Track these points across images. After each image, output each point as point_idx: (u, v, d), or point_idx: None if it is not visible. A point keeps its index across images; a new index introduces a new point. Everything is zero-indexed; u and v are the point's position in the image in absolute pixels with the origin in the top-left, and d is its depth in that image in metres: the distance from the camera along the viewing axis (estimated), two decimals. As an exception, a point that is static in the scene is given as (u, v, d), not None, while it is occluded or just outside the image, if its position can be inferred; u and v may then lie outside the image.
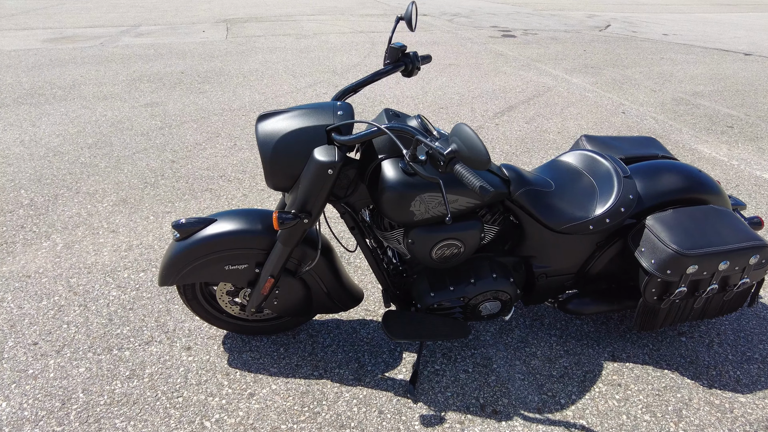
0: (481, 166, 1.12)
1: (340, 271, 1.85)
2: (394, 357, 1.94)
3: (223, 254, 1.68)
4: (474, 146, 1.10)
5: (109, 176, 3.40)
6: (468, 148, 1.11)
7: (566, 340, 2.06)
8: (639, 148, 2.05)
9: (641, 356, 1.98)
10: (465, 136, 1.12)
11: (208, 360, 1.92)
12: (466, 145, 1.12)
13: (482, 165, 1.11)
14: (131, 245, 2.65)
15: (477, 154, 1.10)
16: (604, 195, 1.75)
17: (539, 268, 1.83)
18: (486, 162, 1.11)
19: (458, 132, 1.14)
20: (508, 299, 1.80)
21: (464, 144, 1.12)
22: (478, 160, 1.11)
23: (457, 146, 1.13)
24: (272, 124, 1.45)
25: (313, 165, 1.39)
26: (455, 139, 1.14)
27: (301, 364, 1.90)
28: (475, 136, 1.11)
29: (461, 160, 1.14)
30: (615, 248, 1.86)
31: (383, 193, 1.45)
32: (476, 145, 1.10)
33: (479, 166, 1.12)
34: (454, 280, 1.75)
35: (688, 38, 9.40)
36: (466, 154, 1.12)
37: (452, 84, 5.78)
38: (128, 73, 5.94)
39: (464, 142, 1.12)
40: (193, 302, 1.85)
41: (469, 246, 1.62)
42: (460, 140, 1.13)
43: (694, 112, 5.05)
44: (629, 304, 1.94)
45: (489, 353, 1.98)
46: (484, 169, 1.13)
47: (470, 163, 1.13)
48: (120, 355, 1.94)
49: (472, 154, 1.11)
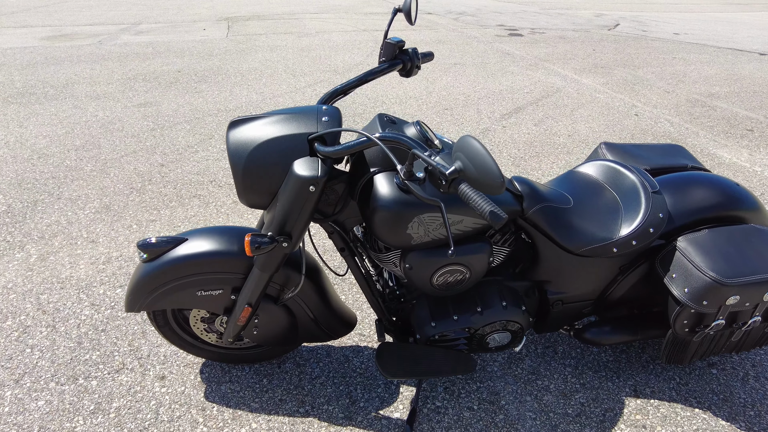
0: (492, 191, 0.91)
1: (329, 295, 1.65)
2: (390, 392, 1.73)
3: (194, 278, 1.48)
4: (483, 166, 0.89)
5: (93, 181, 3.22)
6: (476, 168, 0.90)
7: (582, 372, 1.85)
8: (666, 158, 1.84)
9: (667, 391, 1.76)
10: (472, 152, 0.91)
11: (182, 392, 1.72)
12: (473, 164, 0.90)
13: (493, 189, 0.90)
14: (110, 257, 2.46)
15: (487, 176, 0.89)
16: (630, 213, 1.54)
17: (555, 294, 1.61)
18: (499, 186, 0.89)
19: (464, 147, 0.92)
20: (519, 329, 1.59)
21: (471, 162, 0.91)
22: (488, 184, 0.90)
23: (462, 165, 0.92)
24: (245, 132, 1.24)
25: (293, 180, 1.19)
26: (460, 156, 0.93)
27: (285, 399, 1.70)
28: (484, 153, 0.90)
29: (467, 180, 0.93)
30: (639, 272, 1.65)
31: (375, 212, 1.25)
32: (486, 165, 0.89)
33: (489, 191, 0.91)
34: (458, 308, 1.54)
35: (700, 38, 9.13)
36: (474, 174, 0.91)
37: (457, 84, 5.57)
38: (123, 72, 5.76)
39: (471, 159, 0.91)
40: (165, 329, 1.66)
41: (475, 272, 1.41)
42: (467, 157, 0.91)
43: (711, 115, 4.81)
44: (654, 333, 1.72)
45: (496, 387, 1.77)
46: (497, 194, 0.92)
47: (478, 186, 0.91)
48: (86, 386, 1.74)
49: (481, 175, 0.89)
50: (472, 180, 0.92)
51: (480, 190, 0.92)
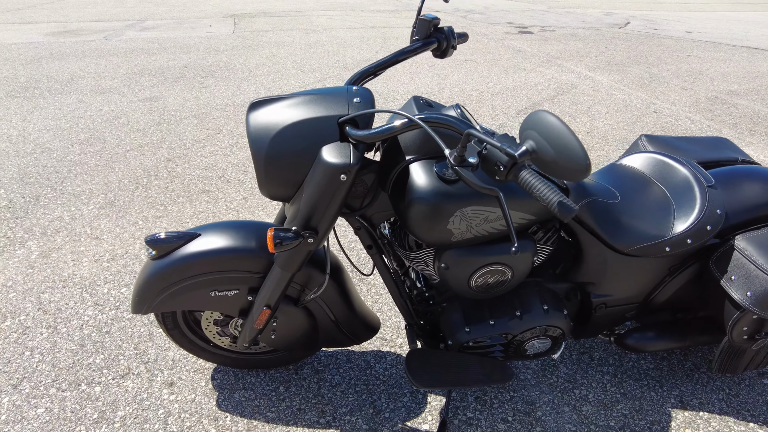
0: (574, 176, 0.77)
1: (352, 297, 1.52)
2: (417, 401, 1.60)
3: (208, 278, 1.35)
4: (564, 145, 0.75)
5: (98, 175, 3.10)
6: (554, 148, 0.76)
7: (622, 380, 1.71)
8: (712, 151, 1.70)
9: (717, 403, 1.63)
10: (549, 129, 0.76)
11: (193, 400, 1.60)
12: (550, 143, 0.77)
13: (576, 174, 0.77)
14: (115, 255, 2.34)
15: (569, 158, 0.75)
16: (684, 209, 1.41)
17: (598, 296, 1.48)
18: (584, 170, 0.76)
19: (537, 123, 0.78)
20: (561, 335, 1.46)
21: (547, 141, 0.77)
22: (569, 168, 0.76)
23: (535, 144, 0.78)
24: (268, 115, 1.11)
25: (321, 168, 1.06)
26: (532, 134, 0.79)
27: (304, 408, 1.57)
28: (564, 130, 0.76)
29: (540, 165, 0.79)
30: (688, 273, 1.52)
31: (412, 205, 1.12)
32: (567, 144, 0.75)
33: (571, 176, 0.77)
34: (495, 312, 1.41)
35: (713, 36, 8.97)
36: (550, 156, 0.77)
37: (470, 80, 5.43)
38: (129, 67, 5.65)
39: (547, 138, 0.77)
40: (174, 332, 1.53)
41: (519, 272, 1.28)
42: (541, 136, 0.77)
43: (733, 112, 4.67)
44: (704, 339, 1.59)
45: (531, 396, 1.63)
46: (580, 180, 0.79)
47: (555, 170, 0.77)
48: (89, 392, 1.62)
49: (561, 157, 0.76)
50: (546, 163, 0.78)
51: (557, 175, 0.78)
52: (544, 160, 0.79)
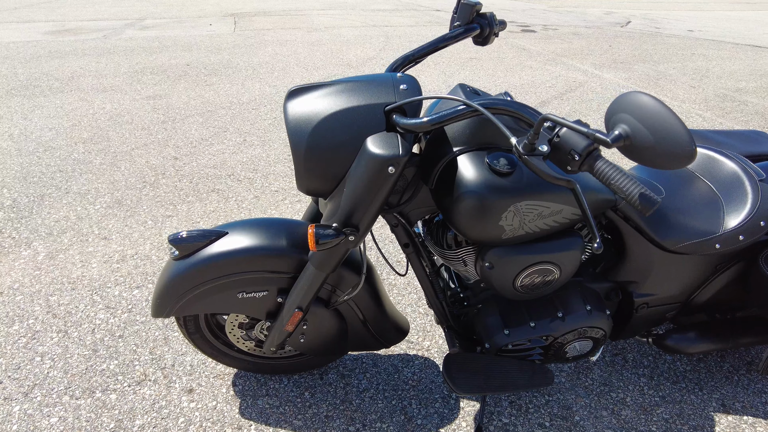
0: (677, 163, 0.70)
1: (383, 298, 1.45)
2: (450, 406, 1.53)
3: (235, 279, 1.28)
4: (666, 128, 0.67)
5: (103, 174, 3.01)
6: (652, 133, 0.69)
7: (659, 383, 1.65)
8: (752, 145, 1.64)
9: (761, 407, 1.57)
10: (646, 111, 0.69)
11: (214, 407, 1.52)
12: (648, 127, 0.69)
13: (679, 161, 0.69)
14: (125, 255, 2.26)
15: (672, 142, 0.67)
16: (734, 204, 1.34)
17: (641, 296, 1.42)
18: (689, 155, 0.69)
19: (632, 105, 0.71)
20: (603, 336, 1.39)
21: (644, 125, 0.69)
22: (672, 153, 0.69)
23: (630, 129, 0.71)
24: (308, 104, 1.04)
25: (368, 160, 0.99)
26: (625, 118, 0.72)
27: (332, 416, 1.50)
28: (665, 111, 0.69)
29: (635, 152, 0.72)
30: (733, 272, 1.46)
31: (462, 200, 1.05)
32: (671, 126, 0.68)
33: (672, 163, 0.70)
34: (535, 313, 1.34)
35: (715, 34, 8.95)
36: (648, 142, 0.70)
37: (476, 78, 5.37)
38: (130, 65, 5.56)
39: (644, 121, 0.69)
40: (195, 337, 1.46)
41: (566, 271, 1.21)
42: (637, 119, 0.70)
43: (744, 109, 4.62)
44: (747, 341, 1.53)
45: (567, 400, 1.57)
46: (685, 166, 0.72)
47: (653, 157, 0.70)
48: (104, 400, 1.54)
49: (662, 141, 0.68)
50: (643, 149, 0.71)
51: (656, 163, 0.71)
52: (640, 146, 0.72)
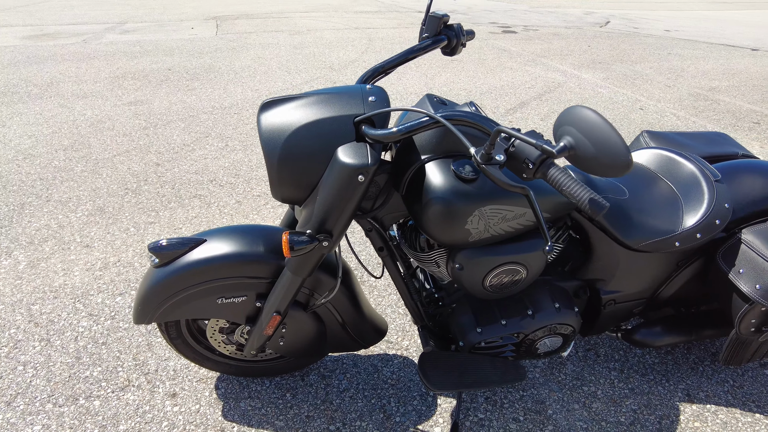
0: (615, 172, 0.76)
1: (360, 300, 1.49)
2: (427, 404, 1.58)
3: (215, 285, 1.31)
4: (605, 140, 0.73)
5: (85, 182, 3.01)
6: (594, 144, 0.75)
7: (629, 376, 1.72)
8: (713, 146, 1.72)
9: (723, 395, 1.64)
10: (588, 124, 0.75)
11: (197, 411, 1.55)
12: (589, 139, 0.75)
13: (617, 170, 0.75)
14: (107, 263, 2.27)
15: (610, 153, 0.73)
16: (692, 204, 1.41)
17: (608, 293, 1.48)
18: (625, 165, 0.74)
19: (574, 119, 0.77)
20: (572, 332, 1.45)
21: (586, 137, 0.75)
22: (611, 164, 0.74)
23: (573, 140, 0.77)
24: (281, 115, 1.08)
25: (338, 169, 1.03)
26: (569, 130, 0.78)
27: (313, 416, 1.54)
28: (604, 125, 0.75)
29: (578, 161, 0.78)
30: (694, 268, 1.53)
31: (429, 206, 1.10)
32: (609, 139, 0.74)
33: (610, 172, 0.76)
34: (506, 312, 1.40)
35: (690, 34, 9.15)
36: (589, 152, 0.75)
37: (457, 80, 5.44)
38: (111, 71, 5.53)
39: (586, 133, 0.75)
40: (177, 342, 1.49)
41: (533, 271, 1.27)
42: (579, 131, 0.76)
43: (716, 108, 4.76)
44: (710, 333, 1.60)
45: (541, 395, 1.63)
46: (621, 176, 0.78)
47: (595, 167, 0.76)
48: (88, 407, 1.56)
49: (602, 152, 0.74)
50: (585, 160, 0.77)
51: (597, 171, 0.77)
52: (582, 156, 0.78)
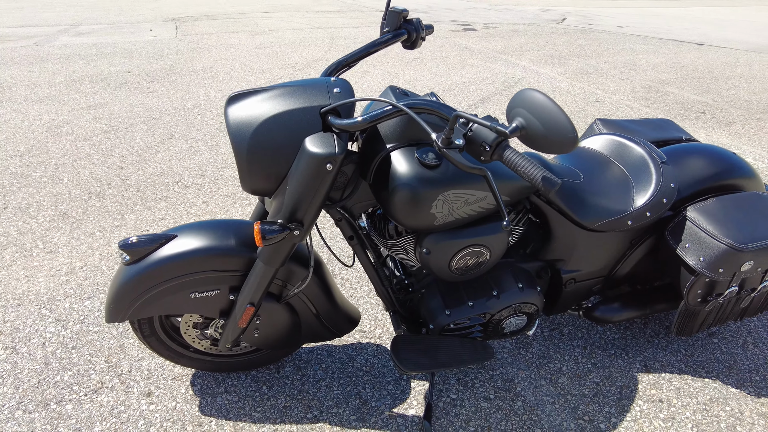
0: (563, 149, 0.82)
1: (333, 290, 1.53)
2: (401, 387, 1.64)
3: (187, 279, 1.32)
4: (552, 119, 0.80)
5: (45, 187, 2.94)
6: (543, 123, 0.81)
7: (592, 351, 1.81)
8: (660, 132, 1.83)
9: (676, 364, 1.76)
10: (537, 105, 0.81)
11: (174, 408, 1.56)
12: (539, 119, 0.81)
13: (565, 146, 0.82)
14: (73, 267, 2.23)
15: (557, 132, 0.80)
16: (641, 185, 1.51)
17: (568, 272, 1.56)
18: (570, 142, 0.81)
19: (525, 101, 0.83)
20: (535, 311, 1.53)
21: (536, 117, 0.82)
22: (558, 141, 0.81)
23: (524, 121, 0.83)
24: (248, 108, 1.11)
25: (306, 159, 1.07)
26: (521, 112, 0.84)
27: (290, 406, 1.57)
28: (552, 105, 0.81)
29: (530, 141, 0.84)
30: (647, 246, 1.63)
31: (396, 192, 1.15)
32: (555, 119, 0.80)
33: (558, 149, 0.82)
34: (472, 293, 1.46)
35: (641, 30, 9.54)
36: (540, 132, 0.82)
37: (420, 77, 5.53)
38: (67, 74, 5.36)
39: (536, 114, 0.81)
40: (151, 339, 1.49)
41: (495, 252, 1.33)
42: (530, 112, 0.82)
43: (666, 99, 4.99)
44: (662, 306, 1.71)
45: (509, 374, 1.70)
46: (568, 152, 0.84)
47: (545, 145, 0.82)
48: (60, 411, 1.55)
49: (551, 131, 0.81)
50: (536, 139, 0.83)
51: (545, 150, 0.83)
52: (533, 135, 0.84)
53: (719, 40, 8.66)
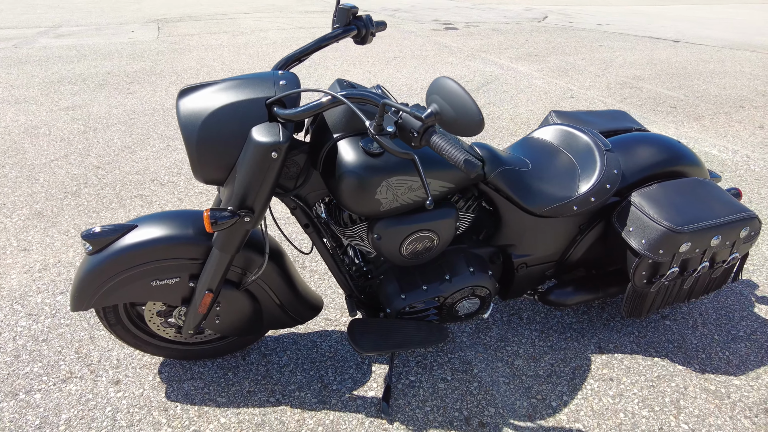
0: (472, 131, 0.89)
1: (293, 278, 1.59)
2: (363, 371, 1.70)
3: (148, 267, 1.37)
4: (462, 105, 0.87)
5: (20, 187, 2.96)
6: (454, 108, 0.88)
7: (549, 335, 1.89)
8: (612, 122, 1.91)
9: (629, 345, 1.84)
10: (448, 92, 0.88)
11: (141, 394, 1.61)
12: (450, 104, 0.88)
13: (473, 128, 0.88)
14: (47, 264, 2.26)
15: (466, 116, 0.87)
16: (587, 172, 1.58)
17: (519, 257, 1.63)
18: (477, 124, 0.88)
19: (439, 88, 0.90)
20: (488, 295, 1.60)
21: (448, 103, 0.88)
22: (467, 123, 0.88)
23: (439, 106, 0.90)
24: (197, 101, 1.16)
25: (252, 148, 1.12)
26: (435, 98, 0.90)
27: (254, 390, 1.62)
28: (461, 91, 0.88)
29: (444, 124, 0.90)
30: (597, 230, 1.70)
31: (342, 179, 1.21)
32: (465, 103, 0.87)
33: (469, 131, 0.89)
34: (426, 278, 1.52)
35: (620, 28, 9.69)
36: (451, 116, 0.88)
37: (399, 75, 5.59)
38: (45, 76, 5.36)
39: (448, 100, 0.88)
40: (117, 328, 1.54)
41: (444, 238, 1.40)
42: (443, 99, 0.89)
43: (639, 95, 5.11)
44: (614, 290, 1.79)
45: (468, 356, 1.77)
46: (476, 134, 0.91)
47: (457, 128, 0.89)
48: (28, 400, 1.59)
49: (461, 115, 0.87)
50: (449, 122, 0.89)
51: (458, 132, 0.90)
52: (447, 120, 0.91)
53: (695, 37, 8.83)
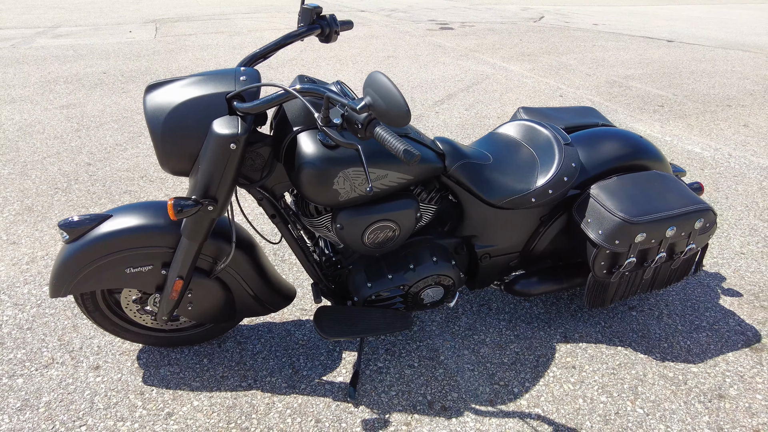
0: (400, 121, 0.95)
1: (265, 267, 1.65)
2: (333, 358, 1.76)
3: (122, 255, 1.44)
4: (390, 97, 0.93)
5: (12, 183, 3.03)
6: (384, 101, 0.94)
7: (516, 325, 1.95)
8: (578, 118, 1.97)
9: (594, 335, 1.89)
10: (379, 85, 0.95)
11: (119, 379, 1.67)
12: (381, 97, 0.95)
13: (400, 120, 0.95)
14: (34, 257, 2.33)
15: (394, 107, 0.93)
16: (546, 165, 1.64)
17: (482, 248, 1.70)
18: (404, 115, 0.94)
19: (372, 82, 0.97)
20: (451, 284, 1.66)
21: (379, 96, 0.95)
22: (396, 114, 0.94)
23: (371, 99, 0.96)
24: (162, 96, 1.23)
25: (213, 140, 1.19)
26: (369, 91, 0.97)
27: (227, 375, 1.69)
28: (390, 85, 0.94)
29: (377, 115, 0.97)
30: (560, 222, 1.76)
31: (301, 170, 1.27)
32: (392, 96, 0.93)
33: (398, 121, 0.95)
34: (391, 267, 1.59)
35: (616, 27, 9.74)
36: (383, 107, 0.95)
37: (392, 74, 5.65)
38: (42, 75, 5.44)
39: (379, 93, 0.95)
40: (95, 314, 1.60)
41: (405, 228, 1.46)
42: (375, 92, 0.95)
43: (627, 93, 5.16)
44: (578, 281, 1.84)
45: (435, 344, 1.83)
46: (404, 125, 0.97)
47: (387, 118, 0.96)
48: (10, 384, 1.65)
49: (390, 107, 0.94)
50: (381, 113, 0.96)
51: (390, 123, 0.96)
52: (379, 111, 0.98)
53: (690, 36, 8.87)
